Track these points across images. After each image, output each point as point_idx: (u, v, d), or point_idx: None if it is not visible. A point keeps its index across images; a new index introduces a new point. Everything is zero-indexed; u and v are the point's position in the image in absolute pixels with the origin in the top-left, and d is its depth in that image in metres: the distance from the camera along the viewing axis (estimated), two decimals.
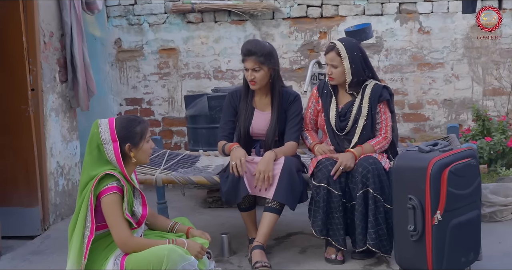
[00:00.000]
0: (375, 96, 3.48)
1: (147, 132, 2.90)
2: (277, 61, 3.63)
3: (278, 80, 3.64)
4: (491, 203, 4.05)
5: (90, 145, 2.83)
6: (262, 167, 3.41)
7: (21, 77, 4.13)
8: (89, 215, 2.75)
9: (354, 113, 3.49)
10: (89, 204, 2.74)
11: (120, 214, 2.75)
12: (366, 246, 3.32)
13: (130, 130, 2.84)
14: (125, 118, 2.92)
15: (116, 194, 2.75)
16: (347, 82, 3.48)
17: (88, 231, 2.74)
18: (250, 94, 3.68)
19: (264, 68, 3.55)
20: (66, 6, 4.47)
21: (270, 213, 3.45)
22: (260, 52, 3.53)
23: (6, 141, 4.16)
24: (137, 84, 5.68)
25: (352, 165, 3.35)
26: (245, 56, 3.57)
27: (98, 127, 2.83)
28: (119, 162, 2.80)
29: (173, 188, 4.97)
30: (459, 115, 5.41)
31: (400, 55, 5.40)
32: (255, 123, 3.65)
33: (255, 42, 3.66)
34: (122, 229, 2.74)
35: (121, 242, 2.75)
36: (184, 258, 2.73)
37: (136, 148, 2.86)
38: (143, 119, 2.93)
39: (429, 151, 2.98)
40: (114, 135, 2.81)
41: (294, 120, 3.64)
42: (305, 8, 5.42)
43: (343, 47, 3.45)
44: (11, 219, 4.04)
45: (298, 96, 3.70)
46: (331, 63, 3.48)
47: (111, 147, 2.79)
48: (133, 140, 2.84)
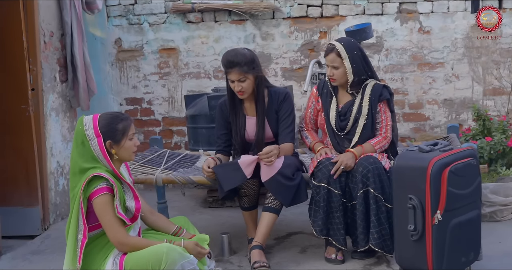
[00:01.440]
0: (375, 95, 3.48)
1: (129, 130, 2.87)
2: (259, 66, 3.57)
3: (262, 84, 3.58)
4: (491, 203, 4.05)
5: (76, 141, 2.83)
6: (269, 149, 3.37)
7: (21, 77, 4.13)
8: (80, 218, 2.74)
9: (354, 112, 3.49)
10: (79, 208, 2.73)
11: (113, 214, 2.74)
12: (368, 246, 3.33)
13: (112, 127, 2.83)
14: (108, 114, 2.90)
15: (106, 194, 2.74)
16: (349, 82, 3.48)
17: (81, 235, 2.74)
18: (238, 103, 3.64)
19: (249, 77, 3.49)
20: (66, 5, 4.47)
21: (268, 212, 3.45)
22: (243, 61, 3.45)
23: (6, 141, 4.16)
24: (137, 84, 5.68)
25: (352, 164, 3.35)
26: (227, 68, 3.49)
27: (82, 124, 2.82)
28: (106, 157, 2.80)
29: (173, 188, 4.97)
30: (459, 115, 5.41)
31: (400, 55, 5.40)
32: (249, 129, 3.63)
33: (235, 52, 3.55)
34: (116, 230, 2.74)
35: (117, 242, 2.75)
36: (183, 256, 2.72)
37: (118, 145, 2.84)
38: (126, 116, 2.91)
39: (429, 151, 2.98)
40: (97, 130, 2.80)
41: (287, 121, 3.60)
42: (305, 7, 5.42)
43: (343, 47, 3.44)
44: (11, 219, 4.04)
45: (288, 93, 3.65)
46: (332, 65, 3.47)
47: (96, 142, 2.79)
48: (114, 137, 2.82)
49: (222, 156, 3.67)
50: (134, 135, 2.92)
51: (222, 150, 3.71)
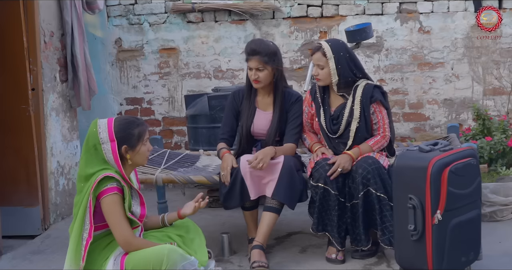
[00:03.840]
0: (366, 97, 3.44)
1: (145, 135, 2.86)
2: (281, 61, 3.63)
3: (282, 80, 3.63)
4: (491, 203, 4.05)
5: (87, 144, 2.81)
6: (261, 156, 3.38)
7: (21, 77, 4.13)
8: (87, 217, 2.73)
9: (346, 116, 3.47)
10: (87, 207, 2.73)
11: (122, 214, 2.75)
12: (369, 245, 3.35)
13: (128, 132, 2.81)
14: (124, 119, 2.88)
15: (116, 194, 2.74)
16: (333, 83, 3.47)
17: (87, 234, 2.73)
18: (253, 94, 3.68)
19: (268, 68, 3.54)
20: (67, 5, 4.47)
21: (269, 212, 3.45)
22: (265, 51, 3.52)
23: (7, 141, 4.16)
24: (137, 84, 5.68)
25: (349, 167, 3.35)
26: (249, 55, 3.56)
27: (96, 127, 2.80)
28: (117, 162, 2.78)
29: (174, 188, 4.98)
30: (459, 115, 5.41)
31: (400, 55, 5.40)
32: (257, 123, 3.65)
33: (260, 41, 3.65)
34: (124, 229, 2.74)
35: (124, 241, 2.74)
36: (184, 257, 2.73)
37: (133, 151, 2.82)
38: (142, 122, 2.89)
39: (429, 151, 2.98)
40: (112, 134, 2.78)
41: (295, 123, 3.62)
42: (306, 7, 5.42)
43: (329, 47, 3.43)
44: (12, 219, 4.04)
45: (300, 97, 3.69)
46: (317, 63, 3.47)
47: (109, 146, 2.77)
48: (130, 142, 2.81)
49: (225, 146, 3.65)
50: (148, 140, 2.92)
51: (227, 138, 3.68)
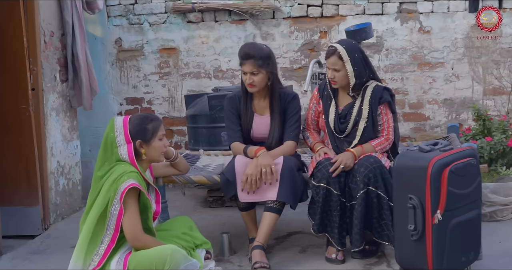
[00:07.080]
0: (376, 98, 3.46)
1: (159, 130, 2.95)
2: (275, 64, 3.60)
3: (277, 83, 3.61)
4: (492, 203, 4.05)
5: (105, 144, 2.89)
6: (250, 171, 3.38)
7: (21, 77, 4.14)
8: (113, 223, 2.74)
9: (354, 115, 3.48)
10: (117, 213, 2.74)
11: (136, 209, 2.77)
12: (362, 246, 3.35)
13: (142, 127, 2.90)
14: (139, 115, 3.01)
15: (134, 189, 2.77)
16: (351, 85, 3.45)
17: (109, 239, 2.75)
18: (249, 98, 3.66)
19: (262, 72, 3.52)
20: (67, 5, 4.47)
21: (270, 212, 3.45)
22: (258, 55, 3.49)
23: (7, 141, 4.16)
24: (137, 83, 5.68)
25: (351, 164, 3.35)
26: (243, 59, 3.53)
27: (114, 130, 2.87)
28: (133, 162, 2.85)
29: (174, 188, 4.97)
30: (460, 114, 5.41)
31: (400, 55, 5.40)
32: (255, 127, 3.64)
33: (253, 45, 3.63)
34: (136, 223, 2.77)
35: (133, 236, 2.76)
36: (187, 258, 2.74)
37: (148, 145, 2.90)
38: (156, 117, 3.00)
39: (430, 150, 2.98)
40: (128, 136, 2.87)
41: (292, 120, 3.61)
42: (306, 7, 5.42)
43: (344, 50, 3.40)
44: (12, 219, 4.05)
45: (296, 95, 3.68)
46: (333, 67, 3.43)
47: (125, 149, 2.84)
48: (144, 137, 2.89)
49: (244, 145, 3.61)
50: (164, 136, 2.98)
51: (240, 137, 3.62)
